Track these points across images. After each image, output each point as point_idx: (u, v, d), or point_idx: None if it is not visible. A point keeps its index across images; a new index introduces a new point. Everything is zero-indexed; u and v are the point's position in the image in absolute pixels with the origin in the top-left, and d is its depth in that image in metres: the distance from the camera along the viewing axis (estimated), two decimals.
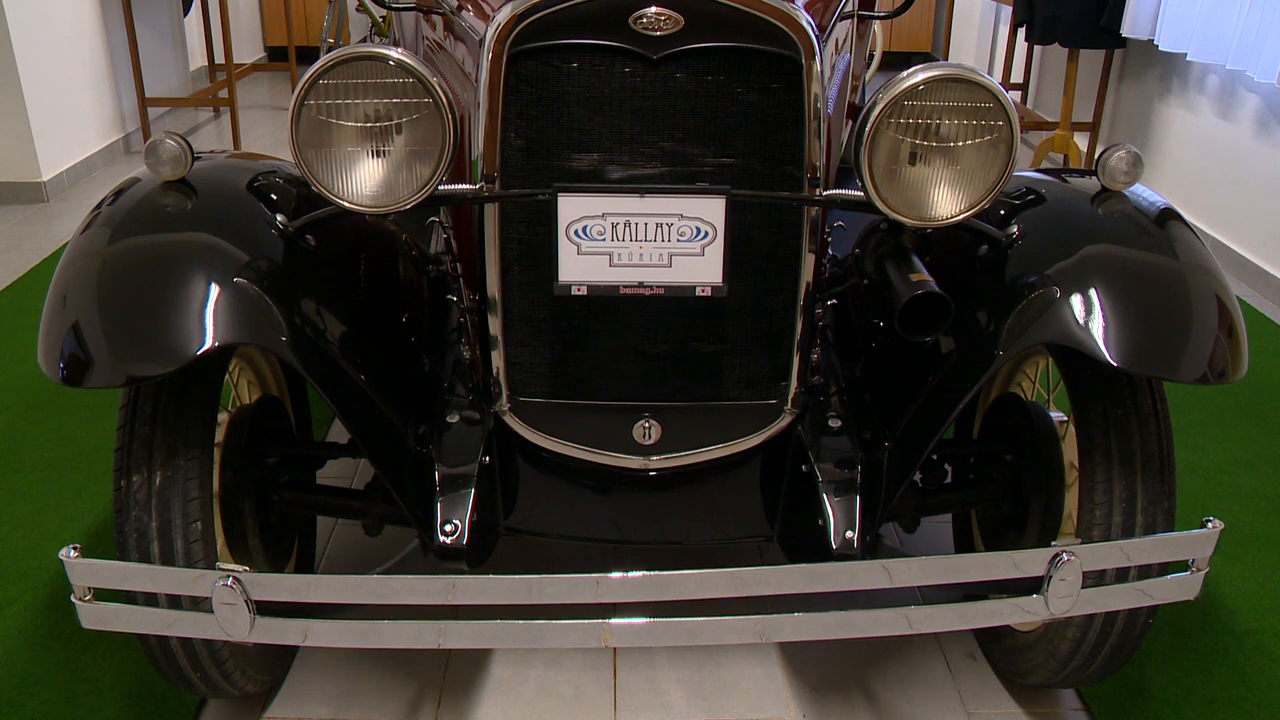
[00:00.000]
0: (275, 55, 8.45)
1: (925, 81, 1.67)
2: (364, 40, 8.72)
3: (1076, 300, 1.73)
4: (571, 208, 1.72)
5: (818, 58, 1.73)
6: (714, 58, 1.70)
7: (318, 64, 1.66)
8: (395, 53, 1.66)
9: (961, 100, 1.69)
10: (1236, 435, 3.29)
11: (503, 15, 1.71)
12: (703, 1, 1.68)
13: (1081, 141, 5.80)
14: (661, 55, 1.69)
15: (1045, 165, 5.82)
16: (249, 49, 8.21)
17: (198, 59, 7.43)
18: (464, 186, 1.79)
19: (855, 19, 2.62)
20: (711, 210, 1.72)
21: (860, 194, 1.75)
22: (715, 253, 1.75)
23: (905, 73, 1.69)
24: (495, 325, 1.87)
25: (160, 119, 6.66)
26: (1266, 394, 3.56)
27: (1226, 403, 3.48)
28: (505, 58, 1.71)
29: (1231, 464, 3.12)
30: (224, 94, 6.30)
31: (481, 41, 1.75)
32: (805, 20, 1.72)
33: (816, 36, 1.73)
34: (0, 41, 5.04)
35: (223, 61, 6.48)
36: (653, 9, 1.66)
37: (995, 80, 1.71)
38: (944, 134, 1.71)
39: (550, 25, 1.69)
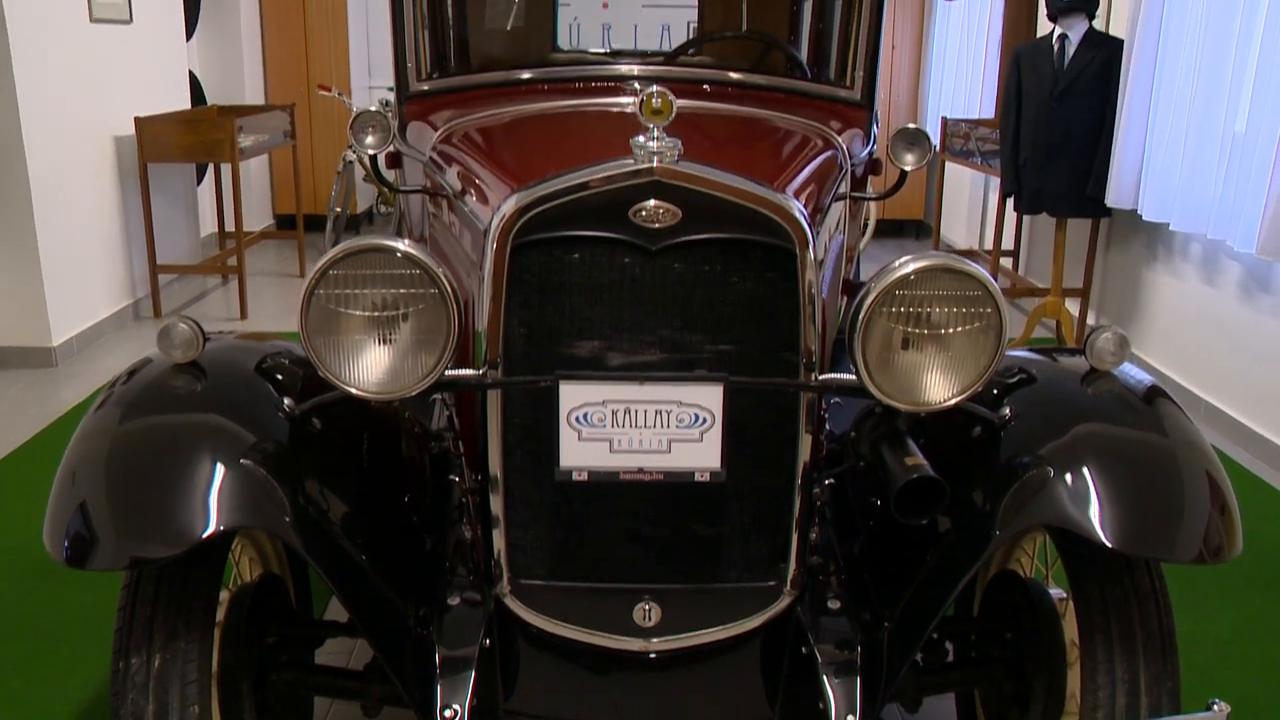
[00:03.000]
0: (283, 223, 8.68)
1: (916, 272, 1.73)
2: (371, 209, 8.96)
3: (1071, 481, 1.76)
4: (573, 395, 1.76)
5: (811, 247, 1.79)
6: (711, 248, 1.77)
7: (328, 255, 1.73)
8: (402, 244, 1.72)
9: (951, 289, 1.75)
10: (1242, 604, 3.27)
11: (508, 206, 1.78)
12: (700, 195, 1.75)
13: (1073, 307, 5.91)
14: (660, 247, 1.75)
15: (1038, 331, 5.92)
16: (258, 216, 8.43)
17: (208, 225, 7.62)
18: (468, 372, 1.84)
19: (849, 199, 2.72)
20: (709, 397, 1.76)
21: (854, 379, 1.80)
22: (713, 439, 1.78)
23: (897, 262, 1.76)
24: (497, 507, 1.89)
25: (169, 285, 6.80)
26: (1269, 561, 3.55)
27: (1229, 570, 3.47)
28: (509, 248, 1.77)
29: (1239, 634, 3.10)
30: (233, 261, 6.44)
31: (486, 231, 1.82)
32: (798, 211, 1.79)
33: (810, 227, 1.80)
34: (21, 209, 5.20)
35: (233, 229, 6.64)
36: (652, 202, 1.74)
37: (983, 269, 1.77)
38: (935, 321, 1.76)
39: (553, 217, 1.76)
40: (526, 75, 3.05)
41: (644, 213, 1.73)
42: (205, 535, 1.63)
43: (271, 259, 7.89)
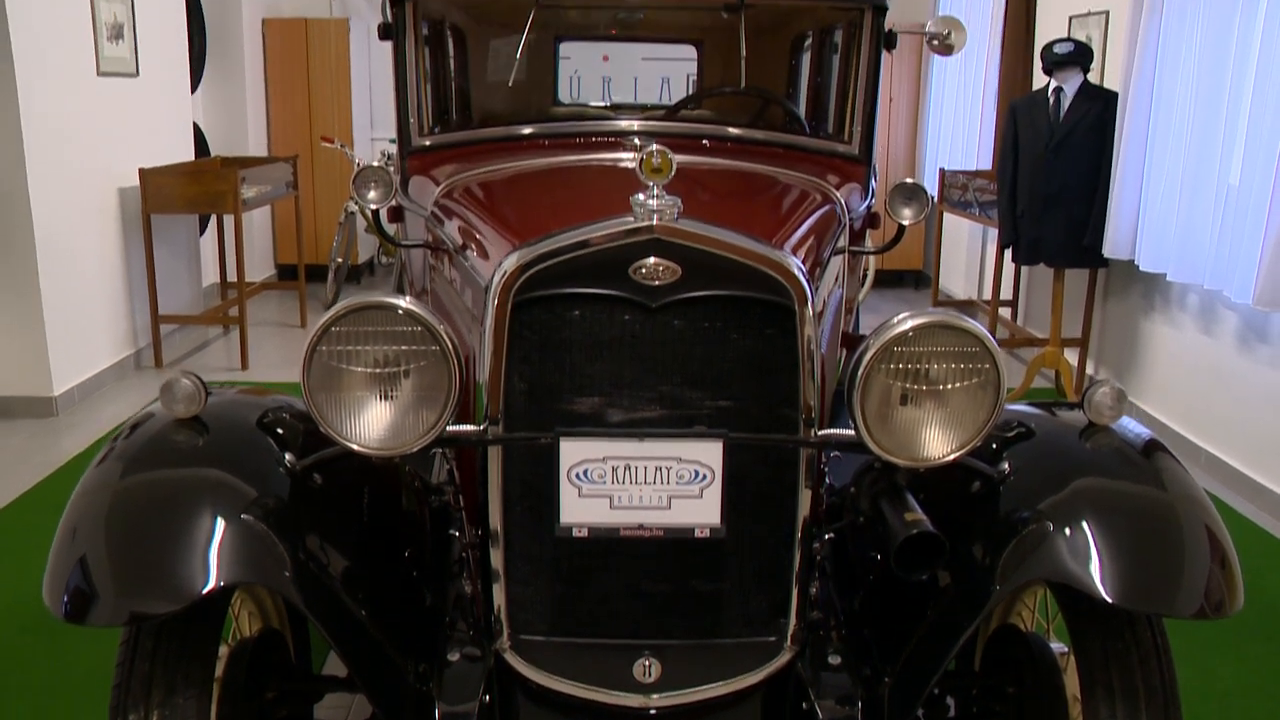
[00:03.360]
0: (285, 273, 8.72)
1: (914, 329, 1.74)
2: (372, 259, 9.01)
3: (1071, 536, 1.76)
4: (573, 451, 1.77)
5: (810, 303, 1.81)
6: (710, 305, 1.79)
7: (330, 312, 1.74)
8: (404, 302, 1.74)
9: (949, 345, 1.76)
10: (1246, 656, 3.25)
11: (509, 263, 1.80)
12: (699, 252, 1.77)
13: (1072, 357, 5.93)
14: (660, 304, 1.77)
15: (1038, 381, 5.93)
16: (260, 266, 8.47)
17: (210, 275, 7.66)
18: (468, 428, 1.85)
19: (847, 253, 2.74)
20: (709, 454, 1.77)
21: (853, 435, 1.80)
22: (713, 495, 1.79)
23: (895, 319, 1.77)
24: (497, 562, 1.89)
25: (171, 335, 6.82)
26: (1272, 613, 3.54)
27: (1232, 621, 3.45)
28: (510, 305, 1.79)
29: (1242, 688, 3.08)
30: (234, 312, 6.46)
31: (487, 288, 1.84)
32: (797, 268, 1.81)
33: (808, 283, 1.81)
34: (25, 259, 5.24)
35: (235, 279, 6.67)
36: (652, 259, 1.75)
37: (982, 321, 1.79)
38: (933, 377, 1.77)
39: (554, 275, 1.78)
40: (527, 130, 3.09)
41: (644, 270, 1.75)
42: (205, 591, 1.63)
43: (273, 309, 7.92)
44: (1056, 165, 5.27)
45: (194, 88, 7.60)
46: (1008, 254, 5.74)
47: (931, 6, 8.52)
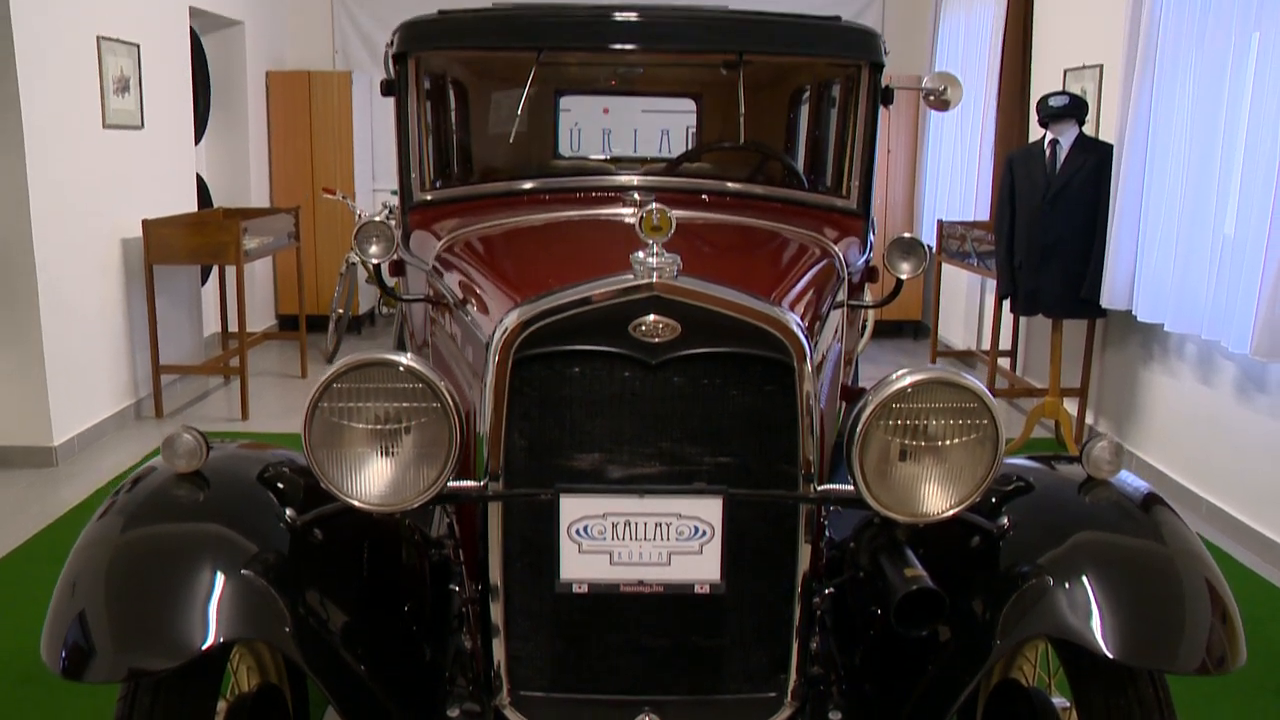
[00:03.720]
0: (286, 323, 8.74)
1: (913, 385, 1.76)
2: (373, 310, 9.04)
3: (1071, 591, 1.76)
4: (573, 508, 1.77)
5: (809, 360, 1.82)
6: (710, 362, 1.80)
7: (332, 369, 1.76)
8: (405, 359, 1.75)
9: (947, 401, 1.78)
10: (1249, 708, 3.23)
11: (510, 320, 1.81)
12: (699, 309, 1.79)
13: (1071, 407, 5.93)
14: (660, 361, 1.78)
15: (1037, 431, 5.93)
16: (261, 316, 8.50)
17: (211, 325, 7.68)
18: (469, 484, 1.86)
19: (846, 307, 2.76)
20: (709, 510, 1.78)
21: (852, 491, 1.81)
22: (713, 551, 1.79)
23: (894, 375, 1.78)
24: (497, 617, 1.89)
25: (171, 384, 6.83)
26: (1276, 664, 3.51)
27: (1235, 674, 3.42)
28: (511, 362, 1.80)
29: None
30: (235, 362, 6.48)
31: (488, 344, 1.85)
32: (796, 324, 1.83)
33: (807, 340, 1.83)
34: (27, 309, 5.26)
35: (236, 329, 6.70)
36: (652, 317, 1.77)
37: (981, 374, 1.80)
38: (932, 433, 1.78)
39: (554, 332, 1.80)
40: (528, 185, 3.12)
41: (644, 327, 1.77)
42: (205, 647, 1.64)
43: (274, 359, 7.93)
44: (1053, 217, 5.31)
45: (198, 139, 7.67)
46: (1006, 304, 5.76)
47: (928, 61, 8.63)
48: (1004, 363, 6.86)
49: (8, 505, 4.88)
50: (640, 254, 1.78)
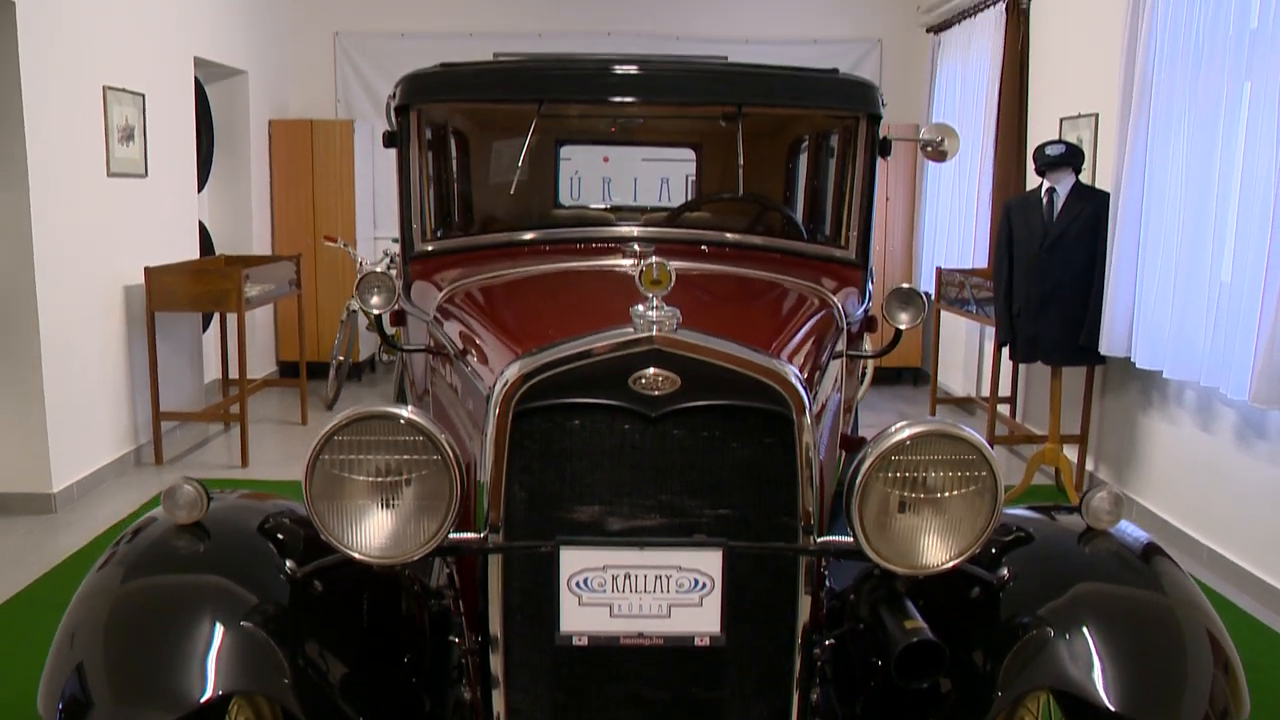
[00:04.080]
0: (286, 369, 8.75)
1: (911, 437, 1.77)
2: (373, 357, 9.06)
3: (1072, 642, 1.77)
4: (573, 560, 1.77)
5: (808, 412, 1.83)
6: (709, 415, 1.81)
7: (333, 421, 1.77)
8: (406, 411, 1.76)
9: (946, 454, 1.78)
10: None
11: (511, 373, 1.83)
12: (698, 363, 1.80)
13: (1071, 454, 5.93)
14: (660, 413, 1.79)
15: (1038, 478, 5.93)
16: (262, 363, 8.51)
17: (212, 371, 7.69)
18: (469, 536, 1.86)
19: (845, 357, 2.77)
20: (709, 562, 1.78)
21: (852, 542, 1.81)
22: (713, 603, 1.79)
23: (893, 427, 1.79)
24: (497, 668, 1.89)
25: (172, 431, 6.83)
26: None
27: None
28: (511, 415, 1.81)
29: None
30: (235, 409, 6.49)
31: (489, 397, 1.86)
32: (794, 377, 1.84)
33: (806, 392, 1.84)
34: (29, 356, 5.27)
35: (236, 375, 6.71)
36: (651, 370, 1.78)
37: (980, 425, 1.81)
38: (931, 485, 1.79)
39: (555, 385, 1.81)
40: (529, 236, 3.14)
41: (644, 380, 1.78)
42: (203, 700, 1.64)
43: (274, 406, 7.94)
44: (1051, 264, 5.34)
45: (201, 186, 7.72)
46: (1005, 351, 5.78)
47: (925, 111, 8.70)
48: (1004, 409, 6.86)
49: (7, 552, 4.86)
50: (640, 307, 1.79)
